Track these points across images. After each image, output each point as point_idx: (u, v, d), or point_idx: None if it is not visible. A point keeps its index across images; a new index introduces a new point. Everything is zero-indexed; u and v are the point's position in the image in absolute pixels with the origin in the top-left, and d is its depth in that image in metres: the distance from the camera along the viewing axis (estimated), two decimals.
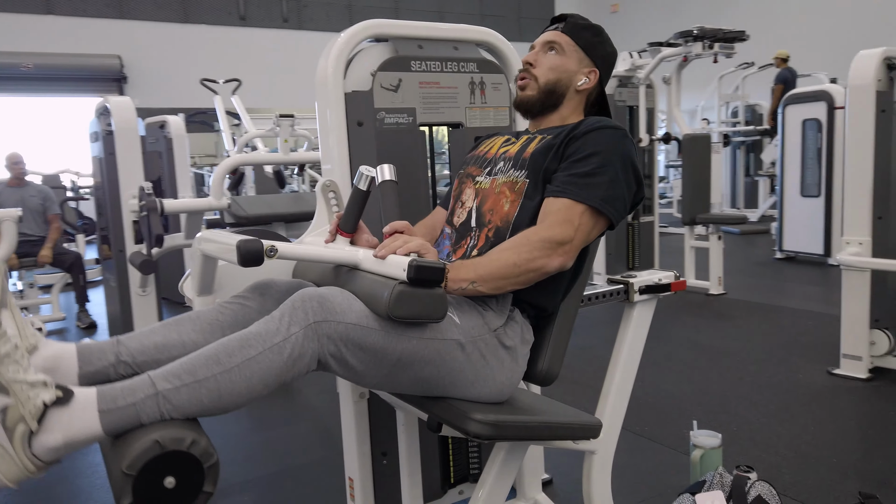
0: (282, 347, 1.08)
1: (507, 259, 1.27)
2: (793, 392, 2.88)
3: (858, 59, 2.90)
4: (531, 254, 1.27)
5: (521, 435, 1.30)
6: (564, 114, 1.52)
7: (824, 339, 3.57)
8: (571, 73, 1.50)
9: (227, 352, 1.06)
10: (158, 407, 1.00)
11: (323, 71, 1.76)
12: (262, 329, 1.09)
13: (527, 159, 1.41)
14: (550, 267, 1.29)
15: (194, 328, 1.24)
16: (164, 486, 0.97)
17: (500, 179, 1.45)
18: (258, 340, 1.07)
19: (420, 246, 1.19)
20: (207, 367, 1.04)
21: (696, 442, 1.94)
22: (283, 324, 1.09)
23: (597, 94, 1.56)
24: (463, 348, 1.24)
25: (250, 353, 1.06)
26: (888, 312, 3.01)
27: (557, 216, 1.31)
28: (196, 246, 1.33)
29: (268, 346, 1.07)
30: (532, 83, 1.50)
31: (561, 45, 1.50)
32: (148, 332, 1.23)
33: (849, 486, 2.04)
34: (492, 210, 1.42)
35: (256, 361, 1.06)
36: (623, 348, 1.70)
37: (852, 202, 2.94)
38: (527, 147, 1.44)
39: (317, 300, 1.12)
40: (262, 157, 3.44)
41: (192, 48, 11.51)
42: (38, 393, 0.94)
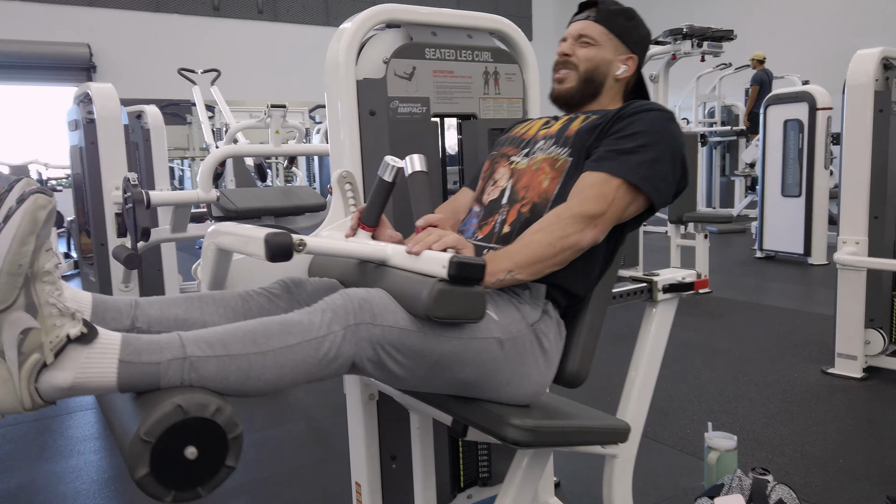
0: (320, 343, 1.00)
1: (540, 240, 1.21)
2: (790, 391, 2.87)
3: (857, 58, 2.90)
4: (564, 231, 1.22)
5: (558, 441, 1.25)
6: (604, 102, 1.48)
7: (814, 338, 3.59)
8: (609, 63, 1.46)
9: (265, 333, 0.98)
10: (182, 372, 0.91)
11: (334, 57, 1.68)
12: (305, 319, 1.01)
13: (570, 137, 1.36)
14: (584, 242, 1.24)
15: (218, 310, 1.16)
16: (185, 457, 0.87)
17: (539, 157, 1.39)
18: (299, 330, 1.00)
19: (457, 241, 1.13)
20: (242, 344, 0.96)
21: (710, 444, 1.91)
22: (325, 319, 1.02)
23: (635, 79, 1.51)
24: (502, 346, 1.19)
25: (289, 340, 0.98)
26: (882, 312, 3.02)
27: (591, 191, 1.26)
28: (210, 239, 1.24)
29: (307, 339, 1.00)
30: (571, 74, 1.45)
31: (594, 37, 1.45)
32: (169, 303, 1.14)
33: (859, 489, 2.03)
34: (527, 187, 1.37)
35: (293, 351, 0.98)
36: (645, 349, 1.65)
37: (849, 202, 2.94)
38: (570, 125, 1.40)
39: (357, 301, 1.05)
40: (252, 148, 3.32)
41: (164, 38, 11.24)
42: (64, 322, 0.85)
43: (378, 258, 1.19)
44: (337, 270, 1.33)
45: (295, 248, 1.05)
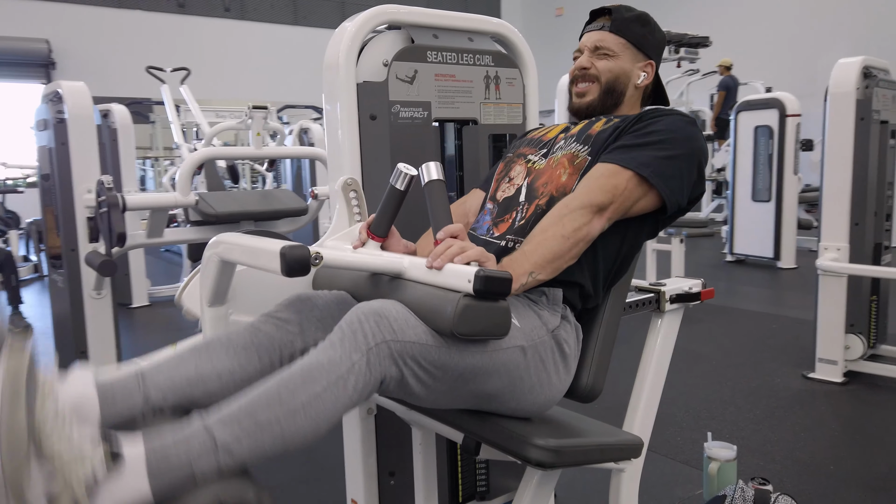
0: (345, 380, 0.96)
1: (554, 234, 1.19)
2: (774, 397, 2.89)
3: (839, 67, 2.94)
4: (575, 222, 1.20)
5: (578, 460, 1.21)
6: (625, 110, 1.46)
7: (791, 342, 3.64)
8: (628, 73, 1.44)
9: (288, 389, 0.93)
10: (217, 461, 0.87)
11: (333, 59, 1.62)
12: (324, 359, 0.96)
13: (592, 136, 1.34)
14: (594, 232, 1.23)
15: (228, 354, 1.09)
16: None
17: (558, 154, 1.37)
18: (321, 373, 0.94)
19: (480, 254, 1.08)
20: (269, 409, 0.91)
21: (710, 454, 1.89)
22: (345, 350, 0.96)
23: (654, 84, 1.48)
24: (525, 353, 1.15)
25: (315, 388, 0.94)
26: (862, 317, 3.07)
27: (599, 181, 1.24)
28: (213, 250, 1.17)
29: (332, 380, 0.95)
30: (593, 86, 1.43)
31: (612, 49, 1.43)
32: (176, 363, 1.08)
33: (853, 495, 2.04)
34: (546, 183, 1.34)
35: (322, 399, 0.94)
36: (652, 360, 1.62)
37: (830, 209, 2.98)
38: (593, 125, 1.38)
39: (373, 318, 0.99)
40: (233, 151, 3.21)
41: (126, 34, 10.95)
42: (84, 460, 0.79)
43: (397, 271, 1.13)
44: (346, 283, 1.27)
45: (312, 261, 0.99)
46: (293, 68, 12.43)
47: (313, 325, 1.17)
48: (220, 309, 1.27)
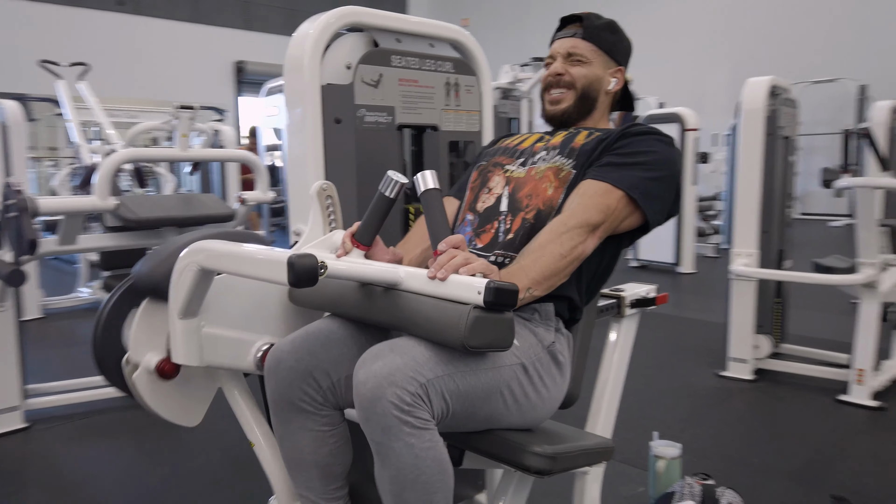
0: (419, 456, 1.01)
1: (552, 252, 1.20)
2: (694, 396, 3.05)
3: (749, 85, 3.15)
4: (573, 241, 1.22)
5: (567, 466, 1.22)
6: (596, 117, 1.48)
7: (701, 343, 3.85)
8: (600, 79, 1.46)
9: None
10: None
11: (297, 60, 1.56)
12: (397, 465, 1.02)
13: (576, 149, 1.36)
14: (588, 249, 1.26)
15: (296, 429, 1.23)
16: None
17: (541, 166, 1.38)
18: (407, 473, 1.02)
19: (485, 266, 1.07)
20: None
21: (657, 453, 1.97)
22: (398, 443, 1.00)
23: (621, 90, 1.52)
24: (526, 371, 1.16)
25: (419, 482, 1.02)
26: (768, 318, 3.30)
27: (594, 199, 1.27)
28: (191, 259, 1.09)
29: (417, 466, 1.01)
30: (568, 94, 1.45)
31: (584, 55, 1.45)
32: (305, 479, 1.27)
33: (778, 486, 2.18)
34: (531, 195, 1.35)
35: (431, 478, 1.03)
36: (612, 363, 1.68)
37: (742, 218, 3.18)
38: (574, 138, 1.39)
39: (388, 387, 0.99)
40: (157, 152, 3.01)
41: (8, 26, 10.09)
42: None
43: (388, 281, 1.10)
44: (330, 295, 1.22)
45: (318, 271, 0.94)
46: (193, 68, 11.90)
47: (310, 377, 1.19)
48: (192, 321, 1.19)
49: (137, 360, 1.27)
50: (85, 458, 2.46)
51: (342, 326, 1.22)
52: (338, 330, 1.21)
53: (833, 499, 1.64)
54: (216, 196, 3.15)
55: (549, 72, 1.49)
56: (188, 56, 11.85)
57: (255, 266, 0.97)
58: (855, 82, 10.38)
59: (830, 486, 2.16)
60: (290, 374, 1.17)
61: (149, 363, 1.27)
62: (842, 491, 2.12)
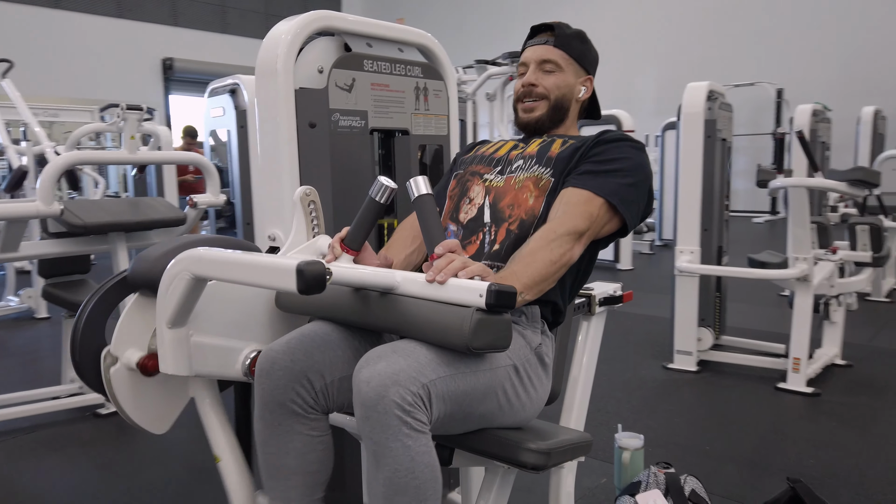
0: (416, 459, 1.02)
1: (543, 258, 1.24)
2: (644, 387, 3.17)
3: (689, 90, 3.30)
4: (562, 247, 1.26)
5: (556, 461, 1.26)
6: (567, 125, 1.52)
7: (647, 337, 4.00)
8: (572, 87, 1.50)
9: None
10: None
11: (270, 63, 1.55)
12: (394, 466, 1.02)
13: (553, 158, 1.40)
14: (576, 256, 1.30)
15: (285, 438, 1.19)
16: None
17: (520, 176, 1.41)
18: (403, 475, 1.02)
19: (482, 269, 1.09)
20: None
21: (621, 444, 2.04)
22: (396, 443, 1.01)
23: (590, 98, 1.57)
24: (517, 372, 1.20)
25: (412, 486, 1.02)
26: (709, 312, 3.46)
27: (578, 207, 1.31)
28: (183, 267, 1.08)
29: (412, 469, 1.02)
30: (541, 104, 1.48)
31: (557, 63, 1.49)
32: (282, 488, 1.21)
33: (730, 471, 2.30)
34: (512, 205, 1.38)
35: (424, 483, 1.03)
36: (583, 359, 1.73)
37: (684, 217, 3.33)
38: (550, 147, 1.43)
39: (391, 387, 1.00)
40: (104, 155, 2.87)
41: None
42: None
43: (385, 286, 1.11)
44: (323, 301, 1.22)
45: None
46: (117, 65, 11.45)
47: (305, 378, 1.18)
48: (181, 330, 1.16)
49: (118, 354, 1.23)
50: (37, 474, 2.35)
51: (335, 329, 1.23)
52: (332, 332, 1.22)
53: (789, 481, 1.75)
54: (164, 200, 3.05)
55: (522, 81, 1.52)
56: (112, 52, 11.39)
57: (260, 274, 0.96)
58: (773, 86, 10.96)
59: (777, 469, 2.30)
60: (284, 375, 1.16)
61: (130, 358, 1.22)
62: (786, 473, 2.25)
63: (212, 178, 2.89)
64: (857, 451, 2.42)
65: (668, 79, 12.06)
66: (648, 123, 9.74)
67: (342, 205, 1.63)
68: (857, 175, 2.91)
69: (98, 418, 2.82)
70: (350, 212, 1.65)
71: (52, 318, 4.73)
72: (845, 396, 2.98)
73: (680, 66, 11.99)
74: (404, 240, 1.48)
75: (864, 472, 2.26)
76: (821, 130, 5.04)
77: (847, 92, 10.21)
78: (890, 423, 2.68)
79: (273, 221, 1.58)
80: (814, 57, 10.91)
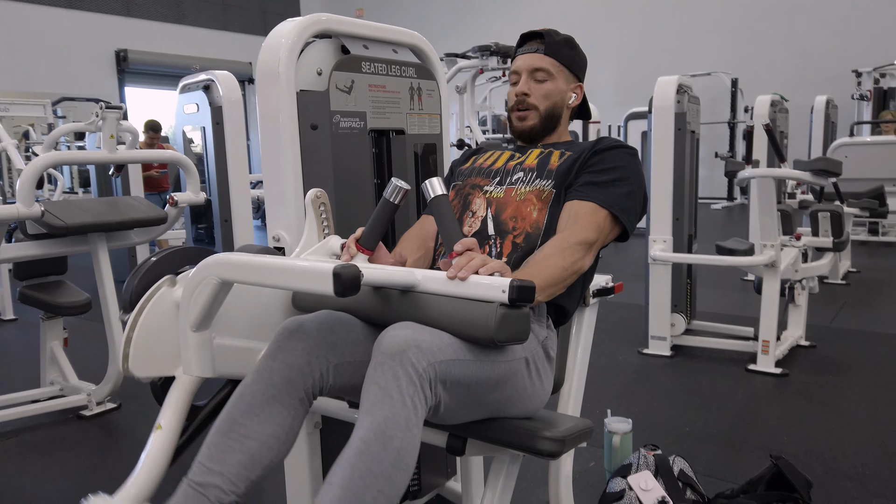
0: (410, 422, 1.01)
1: (555, 265, 1.29)
2: (622, 373, 3.28)
3: (660, 84, 3.40)
4: (574, 256, 1.32)
5: (569, 447, 1.32)
6: (560, 131, 1.58)
7: (620, 324, 4.11)
8: (563, 94, 1.56)
9: (374, 459, 0.97)
10: None
11: (272, 66, 1.57)
12: (387, 412, 1.00)
13: (553, 171, 1.45)
14: (585, 266, 1.36)
15: (261, 420, 1.11)
16: None
17: (522, 189, 1.46)
18: (392, 427, 0.98)
19: (501, 266, 1.15)
20: (368, 487, 0.95)
21: (611, 428, 2.13)
22: (400, 396, 1.01)
23: (580, 103, 1.63)
24: (528, 364, 1.26)
25: (395, 444, 0.98)
26: (681, 298, 3.58)
27: (587, 219, 1.37)
28: (210, 272, 1.10)
29: (404, 428, 1.00)
30: (533, 113, 1.54)
31: (549, 71, 1.54)
32: (222, 451, 1.09)
33: (709, 451, 2.41)
34: (515, 217, 1.43)
35: (404, 451, 0.99)
36: (578, 349, 1.80)
37: (657, 207, 3.43)
38: (549, 159, 1.48)
39: (412, 349, 1.03)
40: (83, 155, 2.81)
41: None
42: None
43: (407, 284, 1.15)
44: (344, 300, 1.25)
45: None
46: (69, 56, 11.12)
47: (318, 349, 1.19)
48: (205, 334, 1.19)
49: (176, 284, 1.24)
50: (26, 478, 2.33)
51: (358, 320, 1.27)
52: (354, 318, 1.26)
53: (772, 458, 1.85)
54: (143, 199, 3.02)
55: (515, 91, 1.56)
56: (64, 44, 11.06)
57: (296, 278, 1.00)
58: (728, 76, 11.24)
59: (754, 447, 2.42)
60: (306, 340, 1.17)
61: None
62: (763, 450, 2.38)
63: (191, 176, 2.87)
64: (827, 428, 2.56)
65: (628, 69, 12.28)
66: (610, 113, 9.91)
67: (345, 205, 1.66)
68: (820, 165, 3.05)
69: (82, 420, 2.79)
70: (351, 212, 1.68)
71: (19, 320, 4.62)
72: (811, 376, 3.14)
73: (638, 56, 12.22)
74: (410, 248, 1.51)
75: (832, 447, 2.40)
76: (779, 120, 5.23)
77: (799, 81, 10.57)
78: (853, 400, 2.84)
79: (278, 223, 1.61)
80: (766, 47, 11.24)
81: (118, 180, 5.07)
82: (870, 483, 2.14)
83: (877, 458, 2.31)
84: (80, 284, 2.95)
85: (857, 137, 7.33)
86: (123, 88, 12.27)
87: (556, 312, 1.43)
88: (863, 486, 2.13)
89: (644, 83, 7.17)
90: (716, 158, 10.88)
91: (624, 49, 12.38)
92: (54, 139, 3.57)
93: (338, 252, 1.35)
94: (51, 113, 8.38)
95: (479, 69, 5.01)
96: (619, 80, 12.34)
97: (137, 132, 3.99)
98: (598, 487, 2.06)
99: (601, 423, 2.13)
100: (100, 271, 2.75)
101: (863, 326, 3.97)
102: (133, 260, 5.29)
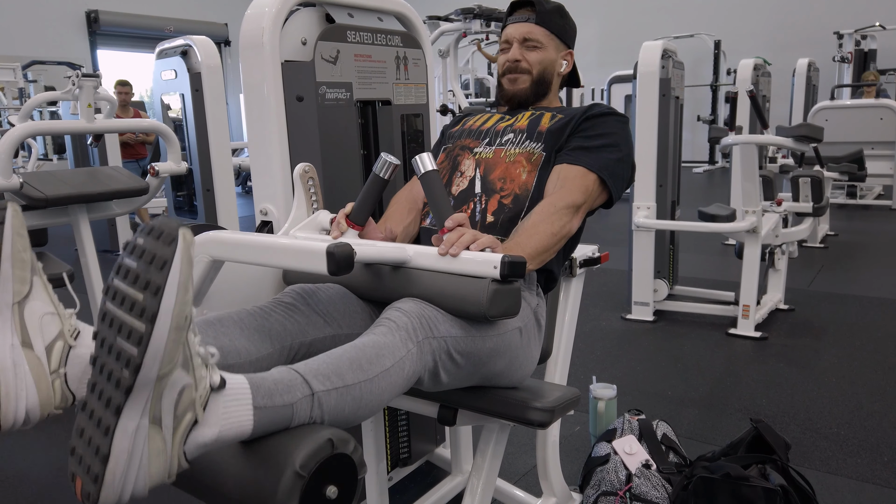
0: (404, 363, 1.00)
1: (545, 230, 1.30)
2: (606, 338, 3.33)
3: (644, 49, 3.37)
4: (562, 220, 1.33)
5: (557, 416, 1.35)
6: (550, 98, 1.57)
7: (602, 290, 4.16)
8: (554, 62, 1.55)
9: (366, 358, 0.95)
10: (311, 410, 0.86)
11: (255, 35, 1.54)
12: (388, 341, 0.99)
13: (543, 133, 1.45)
14: (574, 229, 1.37)
15: (243, 334, 1.06)
16: (326, 497, 0.82)
17: (512, 150, 1.46)
18: (389, 352, 0.98)
19: (492, 241, 1.15)
20: (353, 373, 0.92)
21: (596, 395, 2.17)
22: (401, 339, 1.01)
23: (570, 70, 1.62)
24: (521, 334, 1.27)
25: (385, 363, 0.97)
26: (664, 264, 3.63)
27: (575, 182, 1.38)
28: (202, 250, 1.10)
29: (397, 360, 0.99)
30: (525, 77, 1.53)
31: (539, 39, 1.54)
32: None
33: (690, 413, 2.47)
34: (504, 178, 1.43)
35: (389, 374, 0.97)
36: (566, 318, 1.82)
37: (641, 174, 3.44)
38: (539, 121, 1.48)
39: (416, 317, 1.05)
40: (61, 125, 2.74)
41: None
42: (206, 372, 0.76)
43: (398, 260, 1.16)
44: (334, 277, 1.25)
45: None
46: (36, 18, 10.76)
47: (320, 319, 1.17)
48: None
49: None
50: (17, 453, 2.33)
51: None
52: (352, 294, 1.27)
53: (752, 421, 1.90)
54: (123, 168, 2.97)
55: (507, 57, 1.56)
56: (31, 5, 10.69)
57: (290, 257, 1.00)
58: (711, 38, 11.19)
59: (734, 410, 2.48)
60: (298, 300, 1.17)
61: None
62: (743, 413, 2.44)
63: (172, 145, 2.82)
64: (804, 389, 2.63)
65: (610, 32, 12.16)
66: (593, 76, 9.85)
67: (331, 178, 1.65)
68: (802, 131, 3.07)
69: None
70: (339, 184, 1.67)
71: None
72: (790, 339, 3.21)
73: (621, 19, 12.10)
74: (400, 212, 1.51)
75: (809, 408, 2.47)
76: (762, 84, 5.23)
77: (781, 43, 10.55)
78: (830, 362, 2.91)
79: (265, 196, 1.59)
80: (750, 9, 11.17)
81: (95, 149, 4.98)
82: (844, 442, 2.22)
83: (852, 418, 2.38)
84: (58, 255, 2.92)
85: (838, 101, 7.36)
86: (95, 51, 11.92)
87: (545, 278, 1.44)
88: (837, 446, 2.20)
89: (628, 45, 7.11)
90: (698, 122, 10.89)
91: (606, 12, 12.24)
92: (30, 108, 3.48)
93: (327, 227, 1.35)
94: (21, 77, 8.16)
95: (463, 32, 4.94)
96: (602, 42, 12.24)
97: (115, 101, 3.89)
98: (583, 452, 2.11)
99: (586, 389, 2.17)
100: (81, 243, 2.72)
101: (840, 289, 4.05)
102: (113, 230, 5.22)
